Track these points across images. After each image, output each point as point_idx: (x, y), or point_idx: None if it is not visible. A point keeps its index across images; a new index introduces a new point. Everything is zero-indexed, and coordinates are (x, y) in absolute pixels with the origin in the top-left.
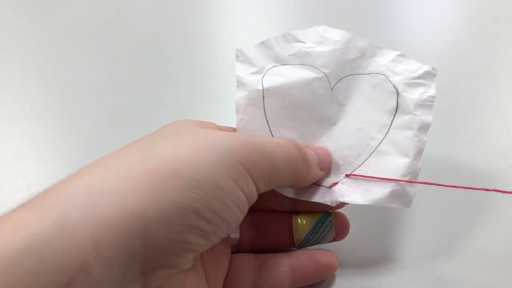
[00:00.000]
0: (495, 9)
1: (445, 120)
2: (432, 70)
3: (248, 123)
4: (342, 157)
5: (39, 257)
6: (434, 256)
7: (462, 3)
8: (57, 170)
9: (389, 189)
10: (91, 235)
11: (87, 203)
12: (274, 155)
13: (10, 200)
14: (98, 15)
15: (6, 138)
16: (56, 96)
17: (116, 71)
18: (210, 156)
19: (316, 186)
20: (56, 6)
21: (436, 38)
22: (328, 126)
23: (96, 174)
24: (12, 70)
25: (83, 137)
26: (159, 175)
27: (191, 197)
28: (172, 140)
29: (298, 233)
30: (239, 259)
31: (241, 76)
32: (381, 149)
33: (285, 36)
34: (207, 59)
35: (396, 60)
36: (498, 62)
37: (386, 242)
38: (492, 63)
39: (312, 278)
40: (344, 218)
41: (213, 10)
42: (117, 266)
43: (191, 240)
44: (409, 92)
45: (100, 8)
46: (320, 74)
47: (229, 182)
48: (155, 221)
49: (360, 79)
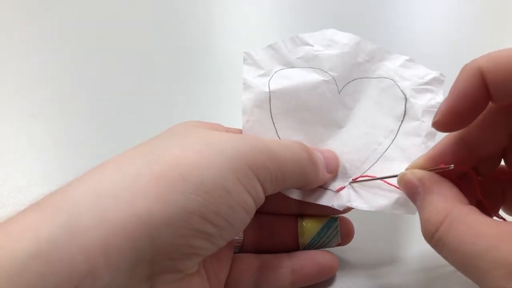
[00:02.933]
0: (495, 9)
1: None
2: (440, 76)
3: (254, 124)
4: (349, 161)
5: (47, 261)
6: (434, 257)
7: (462, 3)
8: (57, 170)
9: (395, 196)
10: (100, 239)
11: (95, 206)
12: (281, 156)
13: (10, 200)
14: (102, 16)
15: (6, 138)
16: (57, 96)
17: (121, 72)
18: (217, 158)
19: (323, 190)
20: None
21: (436, 38)
22: (335, 129)
23: (103, 176)
24: (12, 70)
25: (84, 138)
26: (166, 178)
27: (197, 200)
28: (179, 142)
29: (304, 237)
30: (240, 260)
31: (248, 78)
32: (388, 154)
33: (293, 39)
34: (215, 61)
35: (404, 65)
36: None
37: (387, 243)
38: None
39: (313, 279)
40: (349, 224)
41: (222, 11)
42: (124, 271)
43: (197, 244)
44: (417, 98)
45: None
46: (328, 77)
47: (236, 185)
48: (162, 225)
49: (368, 82)
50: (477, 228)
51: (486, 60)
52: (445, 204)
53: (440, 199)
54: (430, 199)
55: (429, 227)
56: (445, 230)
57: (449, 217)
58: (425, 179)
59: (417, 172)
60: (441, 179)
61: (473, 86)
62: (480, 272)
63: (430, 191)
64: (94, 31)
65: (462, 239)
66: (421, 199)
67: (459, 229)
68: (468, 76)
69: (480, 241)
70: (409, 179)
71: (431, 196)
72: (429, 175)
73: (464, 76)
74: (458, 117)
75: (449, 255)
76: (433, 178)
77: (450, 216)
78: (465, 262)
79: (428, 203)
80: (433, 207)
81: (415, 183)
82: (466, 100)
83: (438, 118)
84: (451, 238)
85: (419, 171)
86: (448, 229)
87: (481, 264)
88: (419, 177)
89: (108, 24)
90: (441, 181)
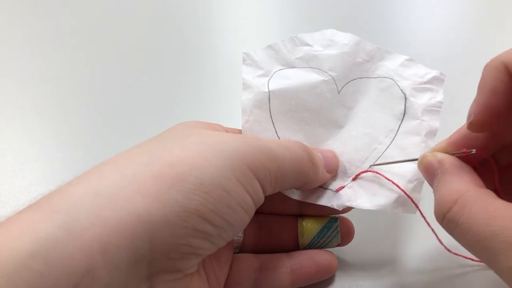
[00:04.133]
0: (496, 9)
1: (445, 120)
2: (440, 75)
3: (253, 125)
4: (349, 160)
5: (46, 260)
6: (434, 257)
7: (462, 3)
8: (57, 170)
9: (395, 195)
10: (98, 238)
11: (94, 205)
12: (281, 156)
13: (10, 200)
14: (103, 16)
15: (6, 138)
16: (57, 96)
17: (121, 72)
18: (216, 158)
19: (322, 190)
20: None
21: (436, 38)
22: (335, 129)
23: (102, 176)
24: (12, 70)
25: (84, 138)
26: (165, 178)
27: (196, 200)
28: (179, 142)
29: (304, 237)
30: (239, 260)
31: (247, 78)
32: (388, 154)
33: (292, 39)
34: (215, 61)
35: (404, 65)
36: None
37: (387, 243)
38: None
39: (312, 278)
40: (349, 224)
41: (222, 12)
42: (123, 270)
43: (196, 244)
44: (417, 97)
45: (104, 9)
46: (327, 77)
47: (235, 184)
48: (161, 225)
49: (368, 82)
50: (490, 209)
51: (508, 56)
52: (461, 185)
53: (457, 180)
54: (446, 179)
55: (442, 207)
56: (458, 211)
57: (463, 198)
58: (444, 161)
59: (438, 154)
60: (460, 163)
61: (502, 81)
62: (492, 253)
63: (448, 172)
64: (95, 32)
65: (475, 220)
66: (438, 180)
67: (472, 210)
68: (495, 73)
69: (493, 222)
70: (429, 161)
71: (448, 177)
72: (450, 158)
73: (489, 73)
74: (492, 115)
75: (461, 235)
76: (453, 161)
77: (464, 197)
78: (478, 242)
79: (443, 184)
80: (448, 187)
81: (434, 165)
82: (497, 96)
83: (473, 119)
84: (464, 219)
85: (440, 154)
86: (462, 209)
87: (494, 244)
88: (439, 159)
89: (108, 24)
90: (460, 164)
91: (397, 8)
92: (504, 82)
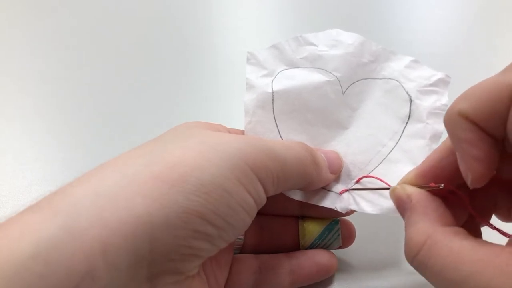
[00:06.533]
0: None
1: None
2: (446, 78)
3: (256, 125)
4: (352, 162)
5: (46, 261)
6: None
7: (462, 3)
8: (57, 170)
9: None
10: (99, 239)
11: (94, 206)
12: (283, 157)
13: (10, 200)
14: (104, 16)
15: (6, 138)
16: (57, 97)
17: (122, 72)
18: (217, 159)
19: (325, 191)
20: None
21: (436, 38)
22: (339, 130)
23: (103, 176)
24: (12, 70)
25: (84, 138)
26: (166, 179)
27: (197, 201)
28: (180, 143)
29: (305, 239)
30: (239, 262)
31: (251, 78)
32: (392, 156)
33: (297, 39)
34: (217, 61)
35: (410, 66)
36: (499, 62)
37: (387, 245)
38: (492, 63)
39: (312, 278)
40: (351, 226)
41: (223, 11)
42: (124, 271)
43: (197, 245)
44: (422, 100)
45: (104, 9)
46: (332, 78)
47: (236, 185)
48: (162, 226)
49: (373, 83)
50: (459, 253)
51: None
52: (427, 226)
53: (423, 220)
54: (413, 219)
55: (410, 250)
56: (426, 254)
57: (430, 239)
58: (413, 197)
59: (407, 188)
60: (428, 197)
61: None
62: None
63: (415, 210)
64: (95, 32)
65: (444, 264)
66: (408, 217)
67: (441, 253)
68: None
69: (461, 267)
70: (399, 194)
71: (415, 216)
72: (418, 192)
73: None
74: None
75: (432, 278)
76: (420, 195)
77: (431, 238)
78: (449, 286)
79: (411, 224)
80: (415, 228)
81: (404, 199)
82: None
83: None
84: (433, 262)
85: (409, 187)
86: (429, 253)
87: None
88: (408, 193)
89: (108, 24)
90: (428, 200)
91: (397, 8)
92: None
